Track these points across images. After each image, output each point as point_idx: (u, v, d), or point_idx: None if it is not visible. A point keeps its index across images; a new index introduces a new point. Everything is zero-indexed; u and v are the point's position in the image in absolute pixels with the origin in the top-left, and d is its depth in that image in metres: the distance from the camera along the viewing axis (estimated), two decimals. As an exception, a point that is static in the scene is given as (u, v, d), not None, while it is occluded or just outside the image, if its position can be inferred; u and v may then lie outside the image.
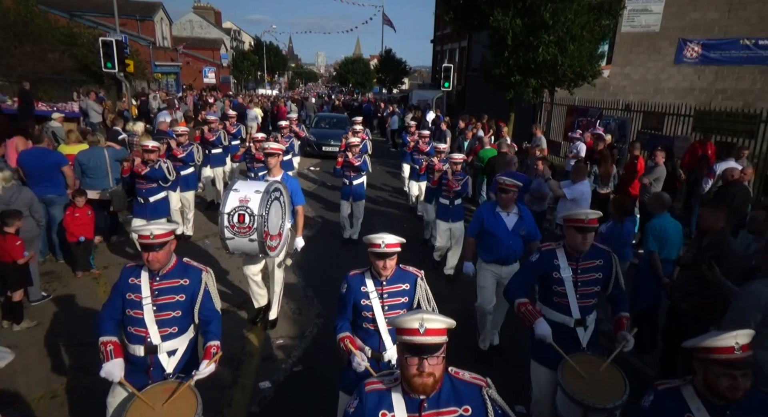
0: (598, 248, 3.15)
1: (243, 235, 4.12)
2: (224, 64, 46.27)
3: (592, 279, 3.09)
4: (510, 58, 11.74)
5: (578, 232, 2.99)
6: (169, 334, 2.79)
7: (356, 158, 7.31)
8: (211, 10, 58.35)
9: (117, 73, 13.86)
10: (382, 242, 2.69)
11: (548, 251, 3.17)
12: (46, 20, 20.77)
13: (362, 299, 2.84)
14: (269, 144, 5.01)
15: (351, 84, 57.24)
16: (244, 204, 4.10)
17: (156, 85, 28.64)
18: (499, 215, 4.45)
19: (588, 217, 2.99)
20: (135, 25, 32.19)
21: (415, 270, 2.94)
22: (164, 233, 2.70)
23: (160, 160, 6.09)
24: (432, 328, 1.69)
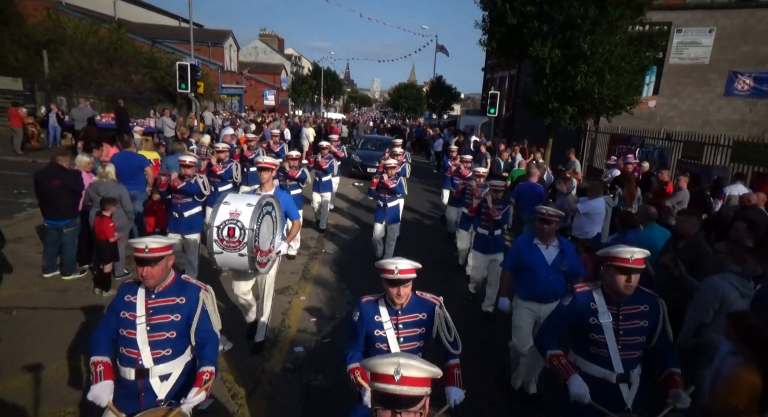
0: (642, 292, 2.78)
1: (232, 249, 3.92)
2: (284, 88, 49.11)
3: (636, 327, 2.72)
4: (549, 86, 12.31)
5: (621, 273, 2.62)
6: (162, 356, 2.63)
7: (392, 180, 7.17)
8: (275, 37, 62.35)
9: (189, 94, 15.59)
10: (395, 268, 2.50)
11: (583, 293, 2.82)
12: (132, 46, 23.47)
13: (376, 329, 2.65)
14: (263, 158, 4.89)
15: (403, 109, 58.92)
16: (235, 217, 3.91)
17: (221, 106, 31.05)
18: (537, 248, 4.08)
19: (633, 256, 2.59)
20: (207, 50, 35.19)
21: (433, 297, 2.74)
22: (160, 247, 2.57)
23: (196, 175, 6.13)
24: (410, 377, 1.45)
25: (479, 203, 6.10)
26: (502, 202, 6.05)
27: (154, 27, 34.96)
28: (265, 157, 4.91)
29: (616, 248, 2.69)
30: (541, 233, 4.08)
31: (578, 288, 2.88)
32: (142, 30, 30.58)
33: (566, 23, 11.81)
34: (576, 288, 2.89)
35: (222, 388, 4.14)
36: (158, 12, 40.94)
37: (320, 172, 9.12)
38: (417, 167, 21.08)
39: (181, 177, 6.06)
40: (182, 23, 38.77)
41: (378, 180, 7.26)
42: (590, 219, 6.62)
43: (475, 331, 5.48)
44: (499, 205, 5.98)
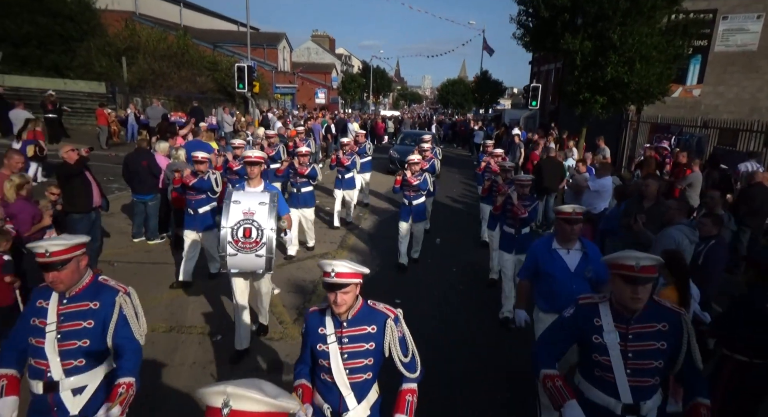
0: (661, 307, 2.35)
1: (249, 250, 3.77)
2: (334, 86, 50.92)
3: (649, 349, 2.29)
4: (580, 77, 12.76)
5: (626, 283, 2.25)
6: (74, 367, 2.40)
7: (416, 177, 6.81)
8: (326, 37, 64.50)
9: (246, 93, 17.19)
10: (332, 270, 2.21)
11: (587, 306, 2.44)
12: (196, 51, 25.67)
13: (319, 343, 2.37)
14: (252, 152, 4.51)
15: (452, 105, 59.34)
16: (249, 217, 3.76)
17: (275, 104, 33.03)
18: (557, 253, 3.62)
19: (639, 263, 2.20)
20: (262, 52, 37.41)
21: (388, 308, 2.41)
22: (63, 249, 2.30)
23: (209, 171, 6.04)
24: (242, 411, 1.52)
25: (503, 199, 5.67)
26: (529, 198, 5.56)
27: (216, 32, 37.61)
28: (254, 151, 4.53)
29: (620, 254, 2.30)
30: (562, 235, 3.57)
31: (582, 299, 2.48)
32: (204, 35, 33.12)
33: (598, 15, 12.23)
34: (579, 299, 2.49)
35: (271, 316, 5.30)
36: (219, 18, 43.87)
37: (342, 169, 8.94)
38: (459, 160, 21.81)
39: (194, 173, 5.97)
40: (240, 28, 41.31)
41: (401, 177, 6.87)
42: (599, 195, 7.29)
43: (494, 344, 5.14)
44: (526, 201, 5.51)
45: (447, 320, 5.62)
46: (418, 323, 5.19)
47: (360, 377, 2.38)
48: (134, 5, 31.00)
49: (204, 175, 5.96)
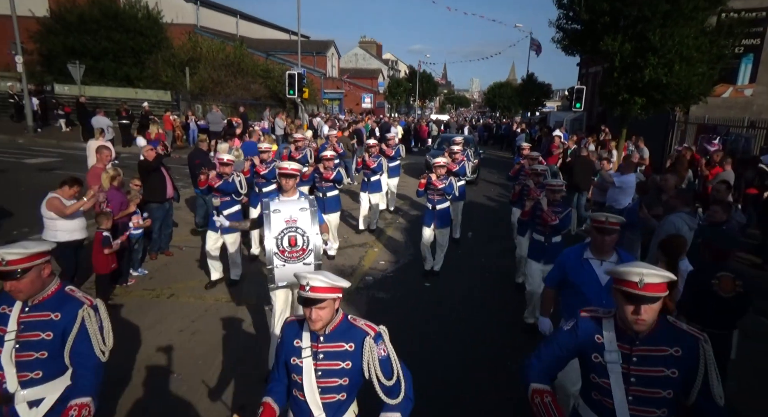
0: (676, 329, 2.06)
1: (296, 260, 3.61)
2: (380, 91, 52.04)
3: (656, 376, 2.03)
4: (619, 79, 12.88)
5: (628, 301, 1.98)
6: (30, 379, 2.32)
7: (441, 180, 6.53)
8: (374, 43, 65.96)
9: (296, 99, 18.33)
10: (306, 284, 2.09)
11: (589, 320, 2.19)
12: (251, 60, 27.36)
13: (293, 357, 2.25)
14: (288, 164, 4.38)
15: (498, 108, 59.01)
16: (293, 224, 3.60)
17: (323, 109, 34.40)
18: (589, 263, 3.32)
19: (643, 280, 1.92)
20: (312, 59, 39.02)
21: (369, 325, 2.25)
22: (20, 258, 2.20)
23: (234, 174, 6.06)
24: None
25: (532, 205, 5.31)
26: (561, 205, 5.15)
27: (269, 41, 39.60)
28: (290, 163, 4.39)
29: (624, 266, 2.01)
30: (596, 245, 3.30)
31: (584, 312, 2.23)
32: (259, 45, 35.03)
33: (638, 18, 12.34)
34: (581, 312, 2.24)
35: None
36: (272, 28, 46.09)
37: (368, 171, 8.73)
38: (501, 162, 22.07)
39: (219, 176, 6.01)
40: (292, 36, 43.24)
41: (426, 180, 6.60)
42: (623, 191, 7.62)
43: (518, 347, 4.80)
44: (558, 207, 5.10)
45: (465, 319, 5.63)
46: (438, 321, 5.57)
47: (333, 397, 2.23)
48: (196, 18, 33.30)
49: (229, 177, 6.01)
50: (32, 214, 8.31)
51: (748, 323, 5.79)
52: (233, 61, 25.17)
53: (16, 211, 8.70)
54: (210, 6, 35.68)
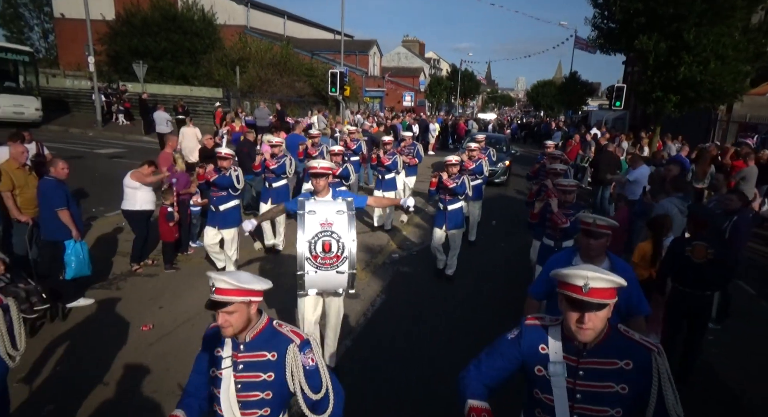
0: (628, 340, 1.87)
1: (329, 267, 3.34)
2: (421, 90, 52.60)
3: (605, 392, 1.83)
4: (653, 77, 13.04)
5: (571, 307, 1.79)
6: None
7: (453, 179, 6.22)
8: (416, 42, 66.49)
9: (338, 96, 19.30)
10: (212, 284, 1.92)
11: (534, 328, 1.99)
12: (296, 59, 28.65)
13: (212, 367, 2.09)
14: (318, 162, 3.94)
15: (542, 107, 58.34)
16: (328, 228, 3.34)
17: (363, 107, 35.39)
18: None
19: (588, 285, 1.71)
20: (354, 58, 40.10)
21: (294, 332, 2.08)
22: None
23: (231, 168, 5.99)
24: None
25: (542, 206, 5.06)
26: (573, 206, 4.82)
27: (314, 41, 41.00)
28: (320, 161, 3.98)
29: (569, 269, 1.81)
30: (585, 251, 3.02)
31: (529, 320, 2.02)
32: (304, 44, 36.42)
33: (673, 16, 12.48)
34: (526, 319, 2.03)
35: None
36: (318, 28, 47.56)
37: (383, 169, 8.53)
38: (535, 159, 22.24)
39: (217, 170, 5.97)
40: (336, 36, 44.49)
41: (437, 179, 6.30)
42: (638, 183, 8.02)
43: None
44: (569, 209, 4.79)
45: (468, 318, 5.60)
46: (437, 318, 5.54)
47: (254, 413, 2.03)
48: (246, 20, 35.03)
49: (226, 171, 5.97)
50: (106, 195, 9.63)
51: (749, 307, 6.18)
52: (280, 61, 26.50)
53: (92, 193, 10.00)
54: (259, 8, 37.39)
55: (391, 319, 5.53)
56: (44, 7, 40.36)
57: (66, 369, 4.26)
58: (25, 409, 3.69)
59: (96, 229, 7.86)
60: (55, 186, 5.11)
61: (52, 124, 19.70)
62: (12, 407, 3.63)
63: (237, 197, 6.22)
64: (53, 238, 5.18)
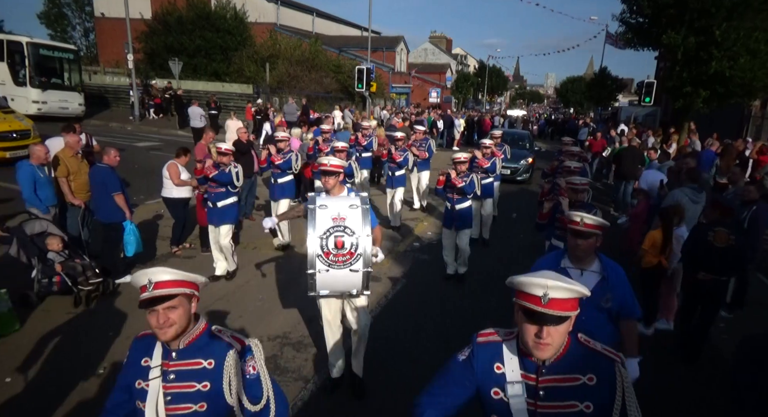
0: (590, 351, 1.69)
1: (342, 265, 3.10)
2: (448, 86, 52.53)
3: (568, 413, 1.66)
4: (682, 72, 12.91)
5: (528, 320, 1.58)
6: None
7: (461, 178, 5.95)
8: (443, 38, 66.29)
9: (364, 92, 19.66)
10: (148, 281, 1.76)
11: (486, 346, 1.76)
12: (324, 56, 29.18)
13: (138, 379, 1.86)
14: (329, 159, 3.71)
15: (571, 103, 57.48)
16: (341, 223, 3.09)
17: (390, 103, 35.69)
18: (567, 273, 2.79)
19: (548, 295, 1.52)
20: (381, 55, 40.40)
21: (235, 338, 1.91)
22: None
23: (231, 164, 5.86)
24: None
25: (552, 206, 4.76)
26: (584, 206, 4.47)
27: (342, 38, 41.49)
28: (330, 159, 3.71)
29: (528, 276, 1.58)
30: (573, 251, 2.86)
31: (481, 336, 1.79)
32: (332, 41, 36.94)
33: (702, 11, 12.33)
34: (478, 336, 1.80)
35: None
36: (346, 24, 48.06)
37: (394, 165, 8.37)
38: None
39: (216, 165, 5.85)
40: (363, 32, 44.88)
41: (444, 177, 6.04)
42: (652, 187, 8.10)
43: None
44: (581, 209, 4.29)
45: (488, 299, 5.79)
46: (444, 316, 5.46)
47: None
48: (276, 17, 35.77)
49: (226, 167, 5.84)
50: (145, 185, 10.25)
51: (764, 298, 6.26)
52: (308, 57, 27.06)
53: (133, 183, 10.65)
54: (289, 5, 38.09)
55: (410, 302, 5.87)
56: (86, 7, 42.10)
57: (116, 334, 4.76)
58: (86, 367, 4.18)
59: (137, 215, 8.42)
60: (110, 172, 5.64)
61: (93, 119, 20.75)
62: (71, 366, 4.17)
63: (235, 194, 6.06)
64: (110, 221, 5.73)
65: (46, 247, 5.28)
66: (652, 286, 4.99)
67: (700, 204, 5.30)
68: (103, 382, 4.02)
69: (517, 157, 13.21)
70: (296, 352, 4.60)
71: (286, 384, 4.08)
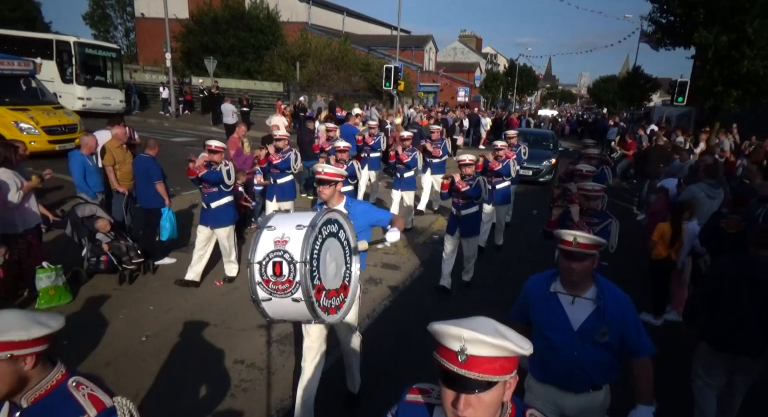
0: None
1: (283, 293, 2.71)
2: (477, 85, 52.31)
3: None
4: (713, 71, 12.72)
5: (445, 382, 1.26)
6: None
7: (466, 182, 5.60)
8: (473, 37, 65.95)
9: (392, 91, 19.97)
10: None
11: (413, 407, 1.47)
12: (353, 55, 29.63)
13: None
14: (323, 167, 3.52)
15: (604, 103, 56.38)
16: (281, 247, 2.72)
17: (417, 101, 35.91)
18: (557, 299, 2.48)
19: (465, 350, 1.19)
20: (410, 54, 40.62)
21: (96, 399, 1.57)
22: None
23: (222, 163, 5.62)
24: None
25: (561, 213, 4.39)
26: (599, 214, 4.21)
27: (371, 37, 41.92)
28: (325, 166, 3.53)
29: (441, 324, 1.25)
30: (566, 276, 2.46)
31: (410, 394, 1.49)
32: (361, 40, 37.39)
33: (734, 8, 12.12)
34: (407, 393, 1.50)
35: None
36: (376, 23, 48.47)
37: (401, 167, 7.98)
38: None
39: (207, 164, 5.58)
40: (393, 31, 45.19)
41: (449, 180, 5.69)
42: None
43: None
44: (594, 218, 4.23)
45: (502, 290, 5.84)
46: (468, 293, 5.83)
47: None
48: (308, 16, 36.47)
49: (216, 166, 5.57)
50: (181, 177, 10.83)
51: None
52: (338, 56, 27.56)
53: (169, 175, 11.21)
54: (320, 5, 38.74)
55: (425, 290, 6.15)
56: (127, 7, 43.90)
57: (156, 309, 5.24)
58: (129, 338, 4.66)
59: (174, 204, 8.90)
60: (153, 162, 6.16)
61: (132, 116, 21.78)
62: (116, 334, 4.65)
63: (229, 194, 5.79)
64: (151, 206, 6.25)
65: (95, 229, 5.80)
66: (661, 277, 5.14)
67: (716, 199, 5.40)
68: (143, 348, 4.49)
69: (540, 157, 13.02)
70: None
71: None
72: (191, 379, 4.04)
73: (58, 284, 5.10)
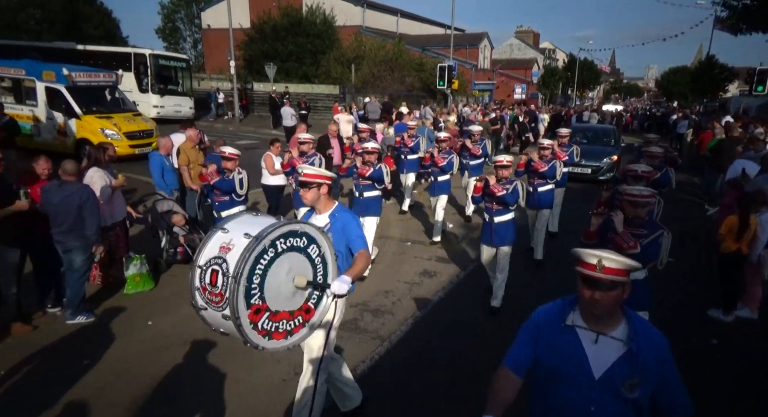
0: None
1: (215, 306, 2.46)
2: (534, 81, 50.95)
3: None
4: (796, 56, 11.75)
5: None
6: None
7: (502, 185, 5.07)
8: (530, 32, 64.31)
9: (445, 90, 19.99)
10: None
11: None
12: (407, 55, 29.87)
13: None
14: (303, 167, 3.17)
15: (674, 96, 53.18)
16: (223, 254, 2.46)
17: (472, 100, 35.55)
18: (575, 334, 1.94)
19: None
20: (464, 52, 40.28)
21: None
22: None
23: (236, 170, 5.41)
24: None
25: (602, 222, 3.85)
26: (648, 225, 3.68)
27: (425, 37, 41.97)
28: (305, 167, 3.18)
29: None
30: (588, 307, 1.90)
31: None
32: (415, 40, 37.55)
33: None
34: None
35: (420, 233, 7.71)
36: (429, 23, 48.46)
37: (436, 170, 7.41)
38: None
39: (220, 171, 5.39)
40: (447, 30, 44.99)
41: (482, 183, 5.10)
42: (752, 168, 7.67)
43: None
44: (642, 228, 3.73)
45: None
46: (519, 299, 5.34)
47: None
48: (362, 20, 37.14)
49: (229, 173, 5.35)
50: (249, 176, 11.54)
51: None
52: (392, 57, 27.91)
53: (235, 174, 12.00)
54: (374, 7, 39.32)
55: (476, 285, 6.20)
56: (195, 20, 46.74)
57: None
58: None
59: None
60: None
61: (200, 121, 23.21)
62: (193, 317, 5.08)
63: (241, 203, 5.54)
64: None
65: (172, 223, 6.35)
66: (731, 272, 4.91)
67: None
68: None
69: (600, 154, 12.46)
70: (374, 317, 5.23)
71: (366, 342, 4.71)
72: (256, 359, 4.36)
73: (142, 272, 5.65)
